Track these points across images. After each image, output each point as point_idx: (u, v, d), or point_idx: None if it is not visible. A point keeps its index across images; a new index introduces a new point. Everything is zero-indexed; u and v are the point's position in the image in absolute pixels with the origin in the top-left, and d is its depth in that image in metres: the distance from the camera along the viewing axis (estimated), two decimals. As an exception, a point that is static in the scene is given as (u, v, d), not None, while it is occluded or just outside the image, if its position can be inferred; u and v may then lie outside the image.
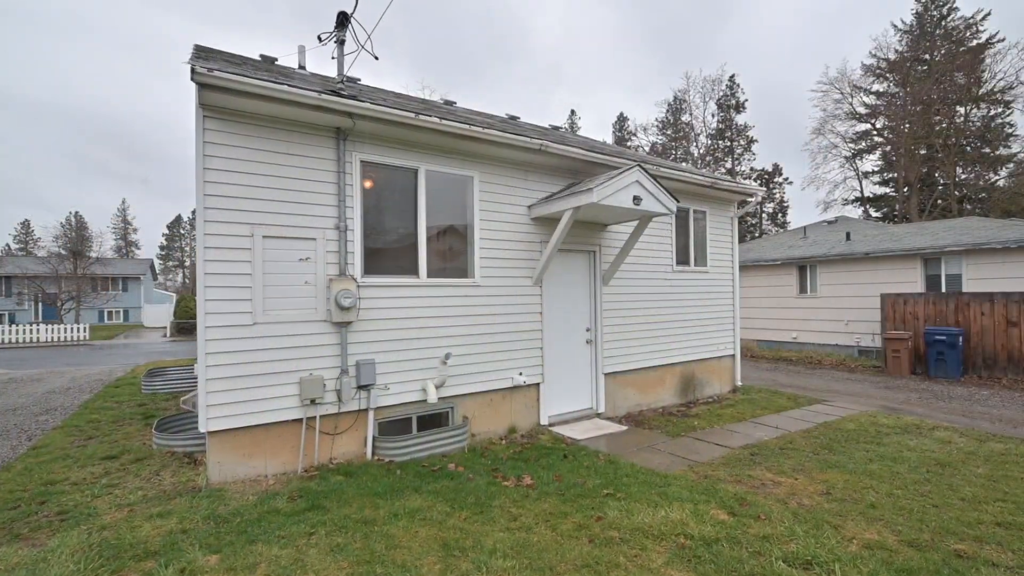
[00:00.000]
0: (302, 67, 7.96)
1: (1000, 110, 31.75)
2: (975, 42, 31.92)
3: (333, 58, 5.70)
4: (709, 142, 45.50)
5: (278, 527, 3.76)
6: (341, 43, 5.75)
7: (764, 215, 48.97)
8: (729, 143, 45.93)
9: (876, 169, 37.40)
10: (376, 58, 5.68)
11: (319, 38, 5.73)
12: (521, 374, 6.56)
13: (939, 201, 33.60)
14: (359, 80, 8.58)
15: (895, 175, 35.19)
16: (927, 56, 33.74)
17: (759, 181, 46.39)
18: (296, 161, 5.04)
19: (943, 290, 13.35)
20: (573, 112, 56.07)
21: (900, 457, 5.67)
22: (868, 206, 37.77)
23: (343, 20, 5.59)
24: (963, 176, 33.02)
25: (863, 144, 37.02)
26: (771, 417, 7.66)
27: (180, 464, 5.29)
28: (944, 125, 32.78)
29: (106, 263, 43.40)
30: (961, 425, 7.23)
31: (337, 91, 4.97)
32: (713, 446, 6.24)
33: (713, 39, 64.74)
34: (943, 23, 33.71)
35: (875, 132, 36.28)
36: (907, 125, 33.16)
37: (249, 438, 4.86)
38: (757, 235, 45.61)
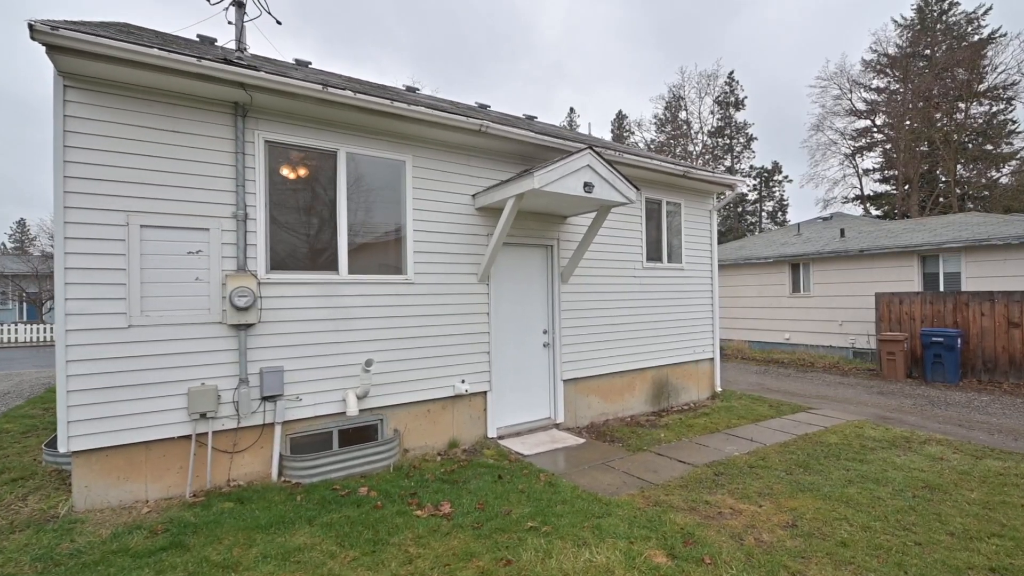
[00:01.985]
0: (243, 47, 7.34)
1: (1002, 106, 30.96)
2: (976, 37, 31.15)
3: (230, 23, 5.05)
4: (709, 140, 44.71)
5: (116, 573, 3.11)
6: (240, 5, 5.10)
7: (764, 213, 48.13)
8: (728, 141, 45.16)
9: (876, 167, 36.63)
10: (279, 23, 5.03)
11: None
12: (464, 382, 5.89)
13: (940, 199, 32.78)
14: (309, 63, 7.95)
15: (895, 172, 34.39)
16: (928, 52, 32.95)
17: (758, 179, 45.62)
18: (183, 140, 4.38)
19: (941, 289, 12.64)
20: (572, 110, 55.37)
21: (884, 478, 4.99)
22: (868, 204, 36.95)
23: (241, -21, 4.96)
24: (964, 174, 32.22)
25: (863, 141, 36.23)
26: (747, 428, 6.98)
27: (59, 485, 4.64)
28: (945, 121, 31.99)
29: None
30: (956, 437, 6.54)
31: (229, 59, 4.31)
32: (675, 463, 5.56)
33: (718, 35, 63.47)
34: (944, 18, 32.95)
35: (875, 129, 35.50)
36: (908, 121, 32.38)
37: (124, 458, 4.20)
38: (756, 233, 44.83)
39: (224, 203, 4.54)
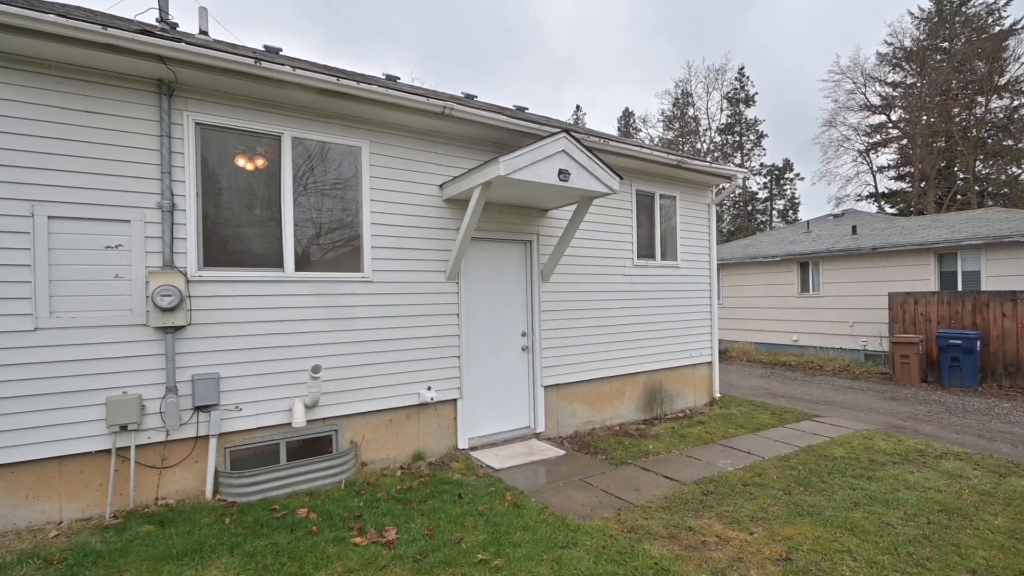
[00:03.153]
0: (204, 32, 6.92)
1: (1023, 100, 29.83)
2: (997, 29, 30.07)
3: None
4: (719, 138, 43.82)
5: (-23, 619, 2.66)
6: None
7: (774, 212, 47.13)
8: (739, 138, 44.24)
9: (891, 163, 35.55)
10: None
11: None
12: (430, 389, 5.40)
13: (958, 196, 31.71)
14: (280, 50, 7.51)
15: (911, 169, 33.36)
16: (945, 44, 31.90)
17: (769, 177, 44.65)
18: (99, 121, 3.93)
19: (959, 288, 11.92)
20: (579, 107, 54.46)
21: (894, 499, 4.42)
22: (883, 201, 35.90)
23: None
24: (983, 170, 31.12)
25: (877, 137, 35.18)
26: (745, 438, 6.42)
27: (-27, 504, 4.22)
28: (963, 116, 30.93)
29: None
30: (976, 450, 5.93)
31: (148, 31, 3.86)
32: (661, 479, 5.03)
33: (728, 30, 61.62)
34: (963, 9, 31.87)
35: (890, 124, 34.46)
36: (924, 116, 31.36)
37: (34, 475, 3.77)
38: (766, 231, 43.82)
39: (148, 192, 4.08)
